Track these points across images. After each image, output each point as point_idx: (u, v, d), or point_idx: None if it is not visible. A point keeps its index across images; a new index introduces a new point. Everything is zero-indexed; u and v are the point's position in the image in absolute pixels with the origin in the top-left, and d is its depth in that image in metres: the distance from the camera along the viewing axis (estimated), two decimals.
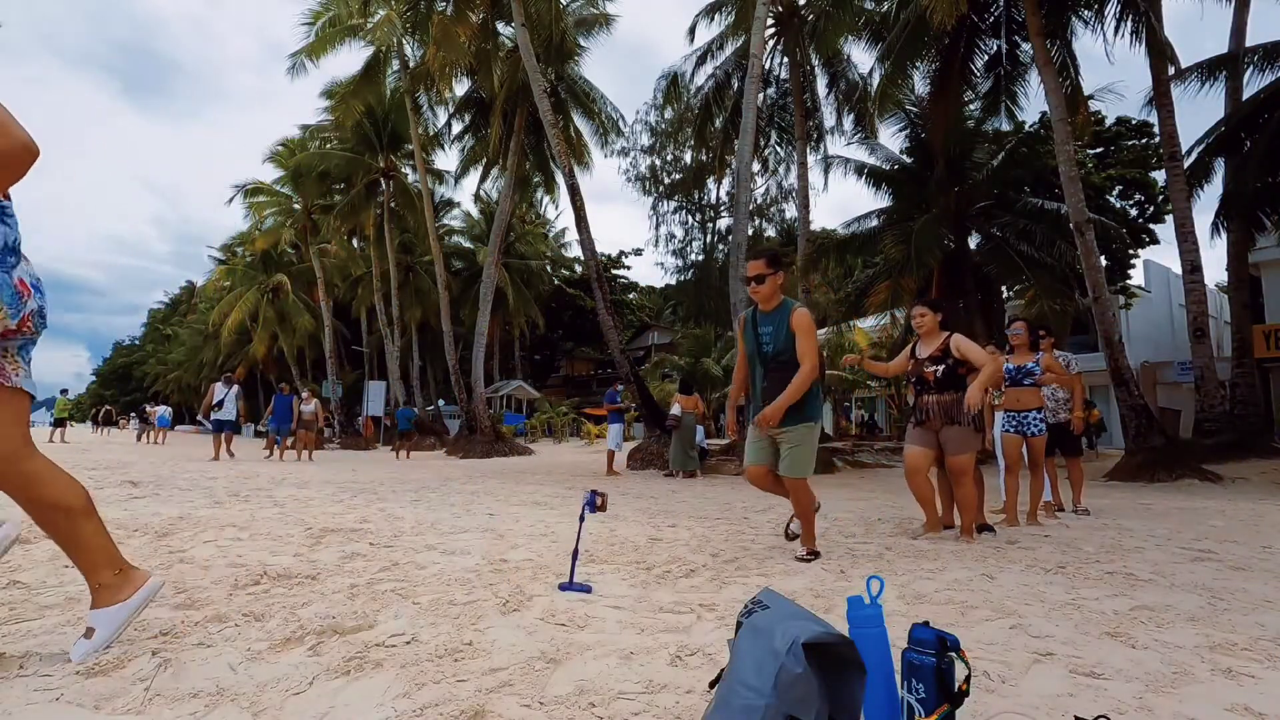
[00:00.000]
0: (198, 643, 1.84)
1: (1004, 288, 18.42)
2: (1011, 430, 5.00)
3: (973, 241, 16.34)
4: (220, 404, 12.13)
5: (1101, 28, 11.47)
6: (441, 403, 30.97)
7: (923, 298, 4.30)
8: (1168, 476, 8.94)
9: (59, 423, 20.02)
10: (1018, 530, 4.51)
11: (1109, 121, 21.88)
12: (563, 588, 2.55)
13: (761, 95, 16.75)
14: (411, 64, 20.54)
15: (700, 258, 27.11)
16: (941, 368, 4.04)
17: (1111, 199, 21.05)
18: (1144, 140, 21.63)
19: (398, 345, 26.76)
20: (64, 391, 21.07)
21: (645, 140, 26.03)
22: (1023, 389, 4.98)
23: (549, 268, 39.94)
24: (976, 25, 13.15)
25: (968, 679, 1.33)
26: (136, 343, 71.15)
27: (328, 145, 26.45)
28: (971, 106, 15.17)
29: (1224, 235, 12.98)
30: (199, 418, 21.66)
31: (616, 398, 11.32)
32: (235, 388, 12.53)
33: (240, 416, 12.79)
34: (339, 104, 21.36)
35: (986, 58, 13.80)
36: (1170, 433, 11.74)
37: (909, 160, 16.62)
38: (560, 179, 17.47)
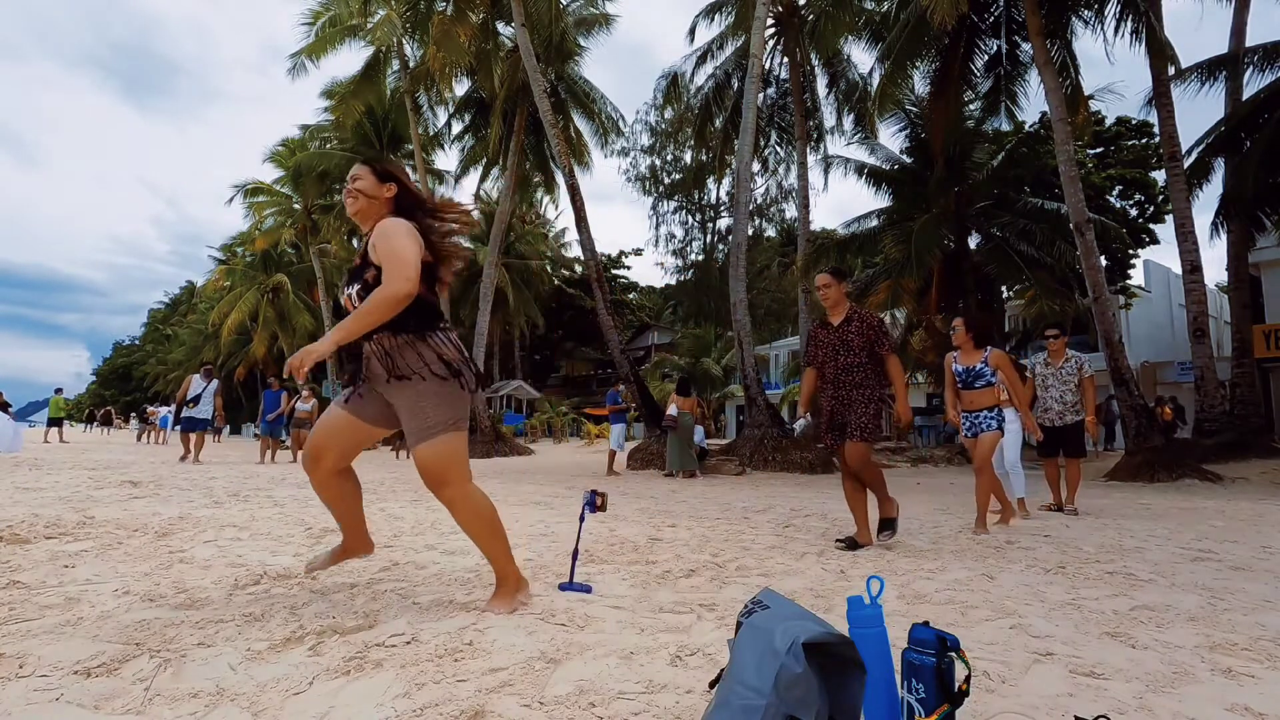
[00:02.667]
0: (198, 643, 1.84)
1: (1004, 288, 18.44)
2: (969, 434, 4.70)
3: (973, 241, 16.35)
4: (196, 399, 10.88)
5: (1101, 28, 11.48)
6: None
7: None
8: (1168, 476, 8.95)
9: (55, 422, 19.96)
10: (1017, 530, 4.51)
11: (1109, 121, 21.89)
12: (563, 588, 2.55)
13: (761, 95, 16.76)
14: (411, 64, 20.54)
15: (700, 258, 27.12)
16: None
17: (1111, 199, 21.07)
18: (1144, 140, 21.65)
19: None
20: (59, 391, 20.99)
21: (645, 140, 26.04)
22: (975, 391, 4.62)
23: (549, 268, 39.94)
24: (976, 25, 13.16)
25: (968, 679, 1.33)
26: (136, 343, 71.17)
27: (328, 145, 26.45)
28: (971, 106, 15.18)
29: (1224, 235, 12.99)
30: (170, 410, 21.17)
31: (618, 398, 11.32)
32: (214, 382, 11.26)
33: (217, 415, 11.56)
34: (339, 104, 21.35)
35: (986, 58, 13.81)
36: (1170, 433, 11.75)
37: (909, 160, 16.63)
38: (560, 179, 17.48)
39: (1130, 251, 21.16)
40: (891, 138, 17.01)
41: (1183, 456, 9.67)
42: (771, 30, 16.67)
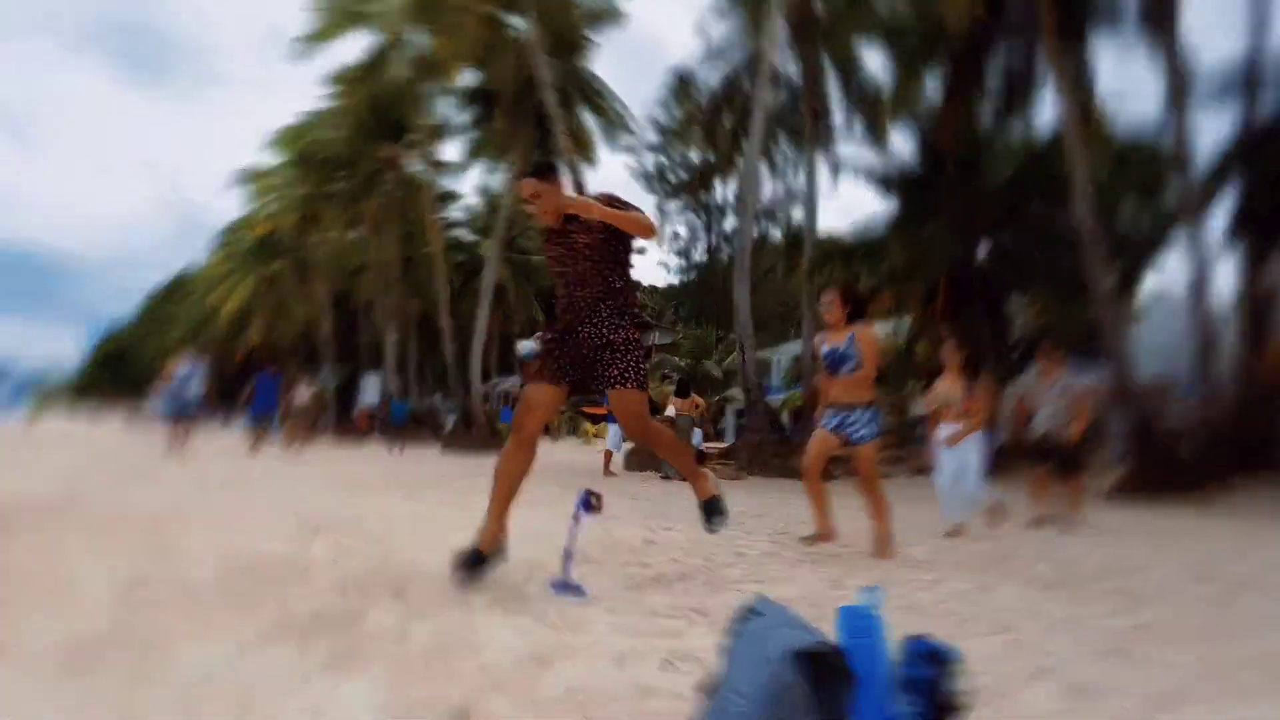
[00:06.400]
0: (187, 634, 1.82)
1: (1012, 297, 18.39)
2: (829, 427, 3.81)
3: (982, 250, 16.30)
4: (184, 384, 9.91)
5: (1118, 37, 11.45)
6: (438, 397, 30.99)
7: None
8: (1171, 492, 8.91)
9: (39, 409, 19.83)
10: (1015, 544, 4.45)
11: (1123, 132, 21.82)
12: (555, 588, 2.53)
13: (771, 96, 16.73)
14: (418, 54, 20.51)
15: (704, 258, 27.11)
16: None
17: (1123, 210, 21.00)
18: (1157, 152, 21.57)
19: (395, 337, 26.73)
20: (47, 376, 20.89)
21: (652, 138, 26.00)
22: (841, 380, 3.75)
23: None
24: (991, 32, 13.12)
25: (963, 693, 1.31)
26: (133, 325, 71.11)
27: (331, 132, 26.41)
28: (984, 113, 15.14)
29: (1235, 250, 12.97)
30: (149, 399, 20.69)
31: None
32: (200, 365, 10.26)
33: (207, 399, 10.77)
34: (343, 91, 21.33)
35: (1000, 65, 13.77)
36: (1175, 449, 11.71)
37: (919, 166, 16.57)
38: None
39: (1140, 264, 21.11)
40: (902, 143, 16.98)
41: (1187, 472, 9.64)
42: (784, 31, 16.63)
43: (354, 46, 20.46)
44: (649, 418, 2.76)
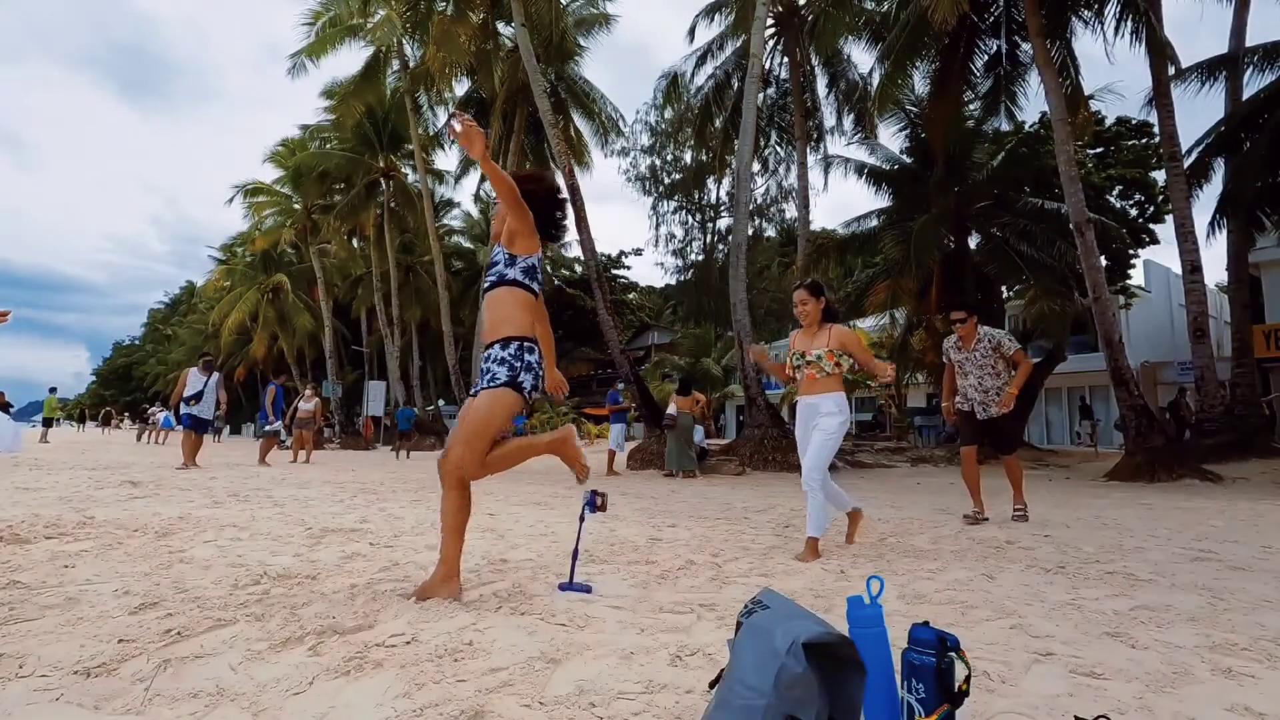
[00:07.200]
0: (197, 643, 1.84)
1: (1004, 288, 18.44)
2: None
3: (972, 241, 16.35)
4: (198, 396, 9.61)
5: (1101, 28, 11.50)
6: (442, 403, 30.96)
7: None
8: (1168, 476, 8.94)
9: (48, 422, 19.93)
10: (1014, 530, 4.48)
11: (1109, 121, 21.90)
12: (563, 588, 2.55)
13: (761, 95, 16.76)
14: (411, 64, 20.57)
15: (700, 257, 27.08)
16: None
17: (1111, 199, 21.07)
18: (1144, 140, 21.64)
19: (398, 345, 26.75)
20: (53, 390, 20.94)
21: (645, 140, 26.03)
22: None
23: (549, 267, 39.99)
24: (976, 25, 13.16)
25: (968, 679, 1.33)
26: (136, 343, 71.17)
27: (328, 145, 26.45)
28: (971, 106, 15.19)
29: (1223, 235, 13.00)
30: (168, 410, 20.85)
31: (618, 398, 11.34)
32: (215, 375, 9.99)
33: (222, 410, 10.63)
34: (339, 104, 21.40)
35: (986, 57, 13.82)
36: (1170, 433, 11.74)
37: (909, 160, 16.63)
38: (560, 179, 17.48)
39: (1130, 251, 21.16)
40: (891, 138, 17.04)
41: (1183, 456, 9.67)
42: (771, 30, 16.67)
43: (349, 60, 20.56)
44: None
